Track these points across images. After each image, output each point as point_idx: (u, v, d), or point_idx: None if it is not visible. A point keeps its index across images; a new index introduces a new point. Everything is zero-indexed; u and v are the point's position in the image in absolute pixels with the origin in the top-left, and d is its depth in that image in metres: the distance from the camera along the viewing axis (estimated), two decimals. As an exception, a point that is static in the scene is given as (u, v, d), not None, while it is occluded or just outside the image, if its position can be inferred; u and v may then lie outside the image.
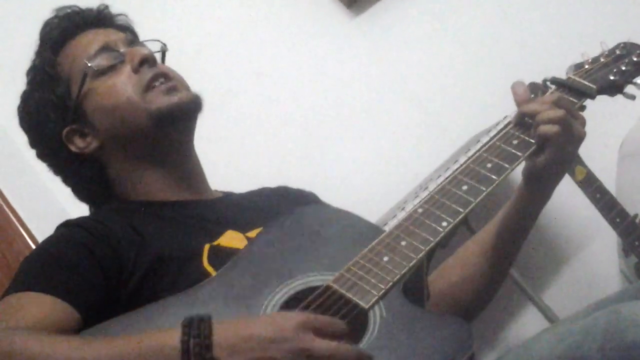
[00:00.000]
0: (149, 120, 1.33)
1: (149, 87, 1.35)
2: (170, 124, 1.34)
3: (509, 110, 1.39)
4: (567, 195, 2.18)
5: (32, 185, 1.94)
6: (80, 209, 1.50)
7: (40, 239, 1.94)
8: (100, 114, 1.37)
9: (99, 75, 1.37)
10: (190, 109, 1.36)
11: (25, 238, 1.98)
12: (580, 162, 2.06)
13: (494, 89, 2.23)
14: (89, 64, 1.36)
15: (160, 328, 1.03)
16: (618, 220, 2.04)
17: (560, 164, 1.27)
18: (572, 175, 2.07)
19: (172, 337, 0.96)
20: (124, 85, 1.35)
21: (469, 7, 2.45)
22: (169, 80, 1.37)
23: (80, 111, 1.38)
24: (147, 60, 1.37)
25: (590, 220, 2.18)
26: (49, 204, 1.94)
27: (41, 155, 1.45)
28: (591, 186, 2.07)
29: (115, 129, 1.36)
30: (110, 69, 1.37)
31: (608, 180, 2.12)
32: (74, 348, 1.02)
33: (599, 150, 2.16)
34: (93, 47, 1.38)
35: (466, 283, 1.36)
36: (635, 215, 2.07)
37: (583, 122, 1.27)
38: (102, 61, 1.37)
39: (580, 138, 1.26)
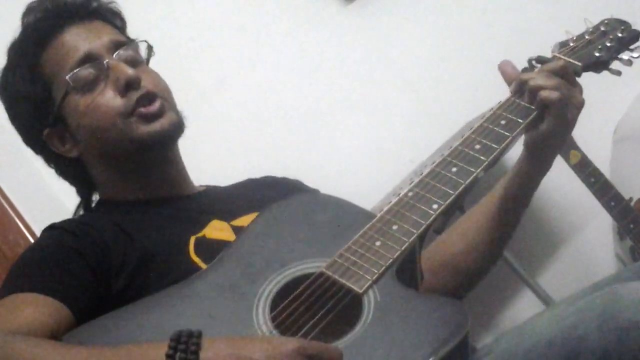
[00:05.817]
0: (129, 145, 1.33)
1: (133, 111, 1.33)
2: (151, 150, 1.35)
3: (504, 95, 1.39)
4: (561, 179, 2.18)
5: (28, 177, 1.94)
6: (76, 201, 1.50)
7: (37, 230, 1.96)
8: (82, 130, 1.36)
9: (80, 90, 1.34)
10: (170, 136, 1.36)
11: (21, 229, 1.99)
12: (575, 146, 2.06)
13: (488, 75, 2.22)
14: (70, 82, 1.33)
15: (151, 335, 1.03)
16: (613, 203, 2.05)
17: (561, 131, 1.28)
18: (567, 159, 2.07)
19: (159, 352, 0.94)
20: (107, 108, 1.33)
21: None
22: (154, 101, 1.34)
23: (61, 118, 1.37)
24: (132, 84, 1.33)
25: (585, 204, 2.18)
26: (45, 195, 1.94)
27: (27, 143, 1.45)
28: (586, 170, 2.07)
29: (96, 146, 1.36)
30: (93, 83, 1.34)
31: (602, 163, 2.12)
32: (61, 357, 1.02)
33: (593, 134, 2.16)
34: (76, 54, 1.35)
35: (469, 253, 1.38)
36: (630, 199, 2.07)
37: (581, 90, 1.29)
38: (83, 73, 1.33)
39: (580, 104, 1.27)
